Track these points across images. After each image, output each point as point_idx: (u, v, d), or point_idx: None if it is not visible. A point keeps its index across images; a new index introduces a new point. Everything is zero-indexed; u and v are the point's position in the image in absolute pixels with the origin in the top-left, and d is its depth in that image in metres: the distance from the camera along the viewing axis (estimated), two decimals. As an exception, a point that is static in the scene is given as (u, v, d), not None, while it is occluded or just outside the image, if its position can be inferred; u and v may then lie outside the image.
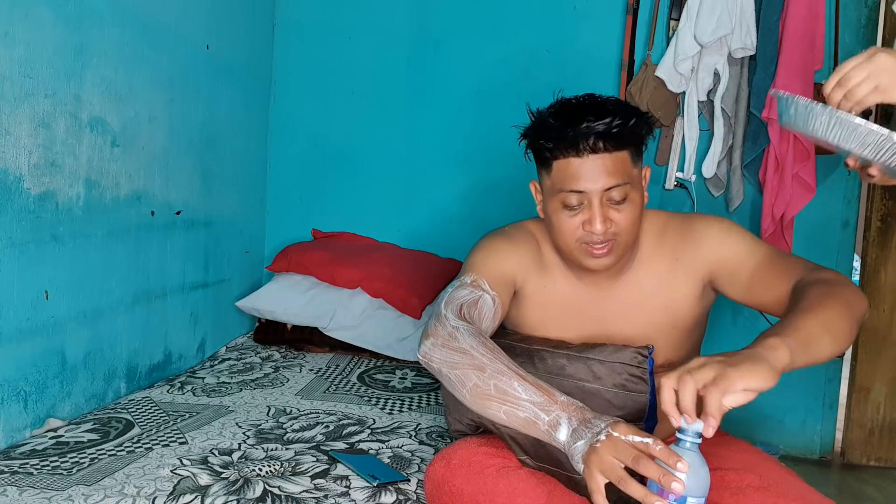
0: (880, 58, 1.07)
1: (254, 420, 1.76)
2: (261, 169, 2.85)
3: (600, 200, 1.21)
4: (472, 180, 2.77)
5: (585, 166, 1.20)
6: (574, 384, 1.29)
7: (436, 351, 1.19)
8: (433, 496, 1.29)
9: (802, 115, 1.10)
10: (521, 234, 1.41)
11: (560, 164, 1.23)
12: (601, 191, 1.21)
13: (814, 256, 2.57)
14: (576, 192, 1.22)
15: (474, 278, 1.31)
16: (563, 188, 1.22)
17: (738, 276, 1.28)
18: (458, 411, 1.41)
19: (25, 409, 1.63)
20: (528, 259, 1.37)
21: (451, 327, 1.19)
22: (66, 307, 1.73)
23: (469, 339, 1.16)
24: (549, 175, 1.26)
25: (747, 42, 2.41)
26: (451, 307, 1.24)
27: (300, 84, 2.87)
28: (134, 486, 1.34)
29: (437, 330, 1.20)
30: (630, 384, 1.28)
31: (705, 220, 1.35)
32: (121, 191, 1.93)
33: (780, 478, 1.26)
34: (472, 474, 1.24)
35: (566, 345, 1.34)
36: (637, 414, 1.27)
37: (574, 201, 1.22)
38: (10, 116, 1.53)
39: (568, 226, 1.25)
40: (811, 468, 2.56)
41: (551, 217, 1.28)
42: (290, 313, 2.52)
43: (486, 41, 2.73)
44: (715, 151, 2.51)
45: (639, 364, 1.28)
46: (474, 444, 1.31)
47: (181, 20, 2.17)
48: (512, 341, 1.38)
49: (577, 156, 1.21)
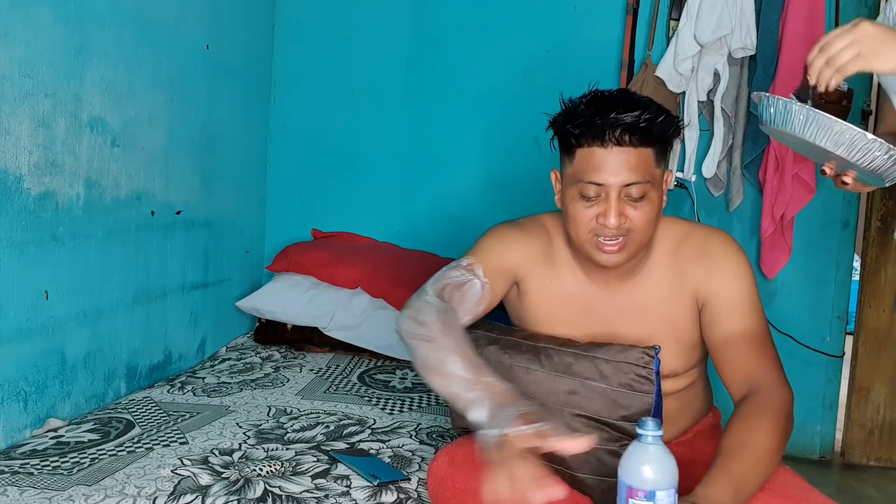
0: (864, 25, 1.07)
1: (254, 420, 1.76)
2: (261, 169, 2.85)
3: (618, 195, 1.20)
4: (472, 180, 2.77)
5: (609, 159, 1.20)
6: (580, 382, 1.29)
7: (404, 321, 1.24)
8: (436, 493, 1.29)
9: (781, 113, 1.11)
10: (535, 226, 1.40)
11: (583, 153, 1.22)
12: (620, 185, 1.20)
13: (814, 256, 2.61)
14: (595, 185, 1.21)
15: (470, 262, 1.32)
16: (582, 178, 1.22)
17: (720, 324, 1.27)
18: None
19: (25, 409, 1.63)
20: (535, 252, 1.37)
21: (424, 301, 1.24)
22: (66, 307, 1.73)
23: (433, 314, 1.20)
24: (572, 163, 1.25)
25: (747, 42, 2.41)
26: (436, 285, 1.27)
27: (300, 84, 2.87)
28: (134, 486, 1.34)
29: (412, 302, 1.25)
30: (636, 384, 1.27)
31: (725, 248, 1.32)
32: (121, 191, 1.92)
33: (784, 478, 1.26)
34: (475, 471, 1.24)
35: (573, 343, 1.34)
36: (643, 413, 1.27)
37: (592, 193, 1.21)
38: (10, 116, 1.53)
39: (583, 217, 1.23)
40: (811, 468, 2.56)
41: (567, 206, 1.27)
42: (290, 313, 2.52)
43: (486, 41, 2.73)
44: (715, 151, 2.51)
45: (645, 364, 1.27)
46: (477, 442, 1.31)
47: (181, 20, 2.17)
48: (518, 338, 1.37)
49: (601, 146, 1.20)
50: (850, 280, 2.67)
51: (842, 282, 2.64)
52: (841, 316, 2.65)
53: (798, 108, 1.09)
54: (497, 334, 1.39)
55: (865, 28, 1.06)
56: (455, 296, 1.27)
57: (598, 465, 1.28)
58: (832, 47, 1.07)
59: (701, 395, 1.45)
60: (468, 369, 1.11)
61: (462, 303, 1.27)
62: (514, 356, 1.34)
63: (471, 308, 1.29)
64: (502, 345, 1.36)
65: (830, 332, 2.64)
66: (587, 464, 1.28)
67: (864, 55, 1.06)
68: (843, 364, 2.67)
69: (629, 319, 1.34)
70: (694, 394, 1.42)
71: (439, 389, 1.15)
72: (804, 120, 1.09)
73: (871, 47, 1.05)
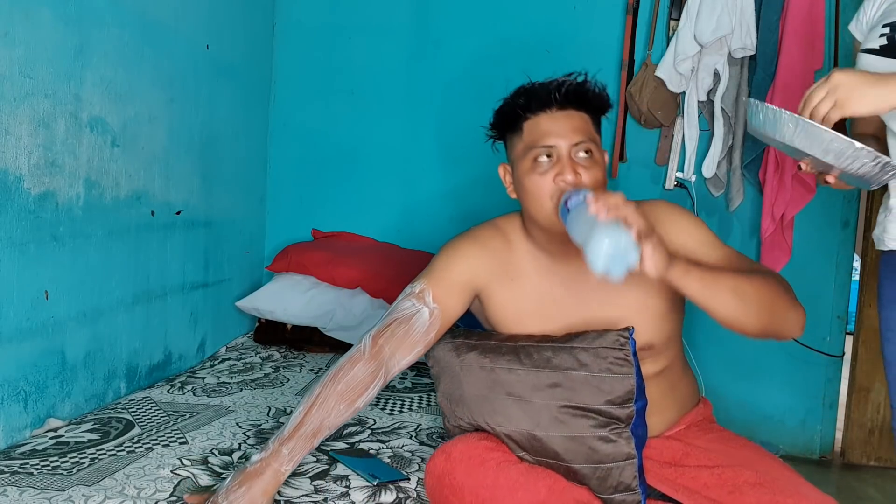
0: (835, 76, 1.14)
1: (254, 420, 1.76)
2: (261, 169, 2.85)
3: (568, 155, 1.29)
4: (472, 180, 2.77)
5: (555, 122, 1.31)
6: (562, 374, 1.32)
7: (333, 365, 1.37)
8: (434, 490, 1.30)
9: (771, 121, 1.16)
10: (488, 232, 1.46)
11: (530, 124, 1.33)
12: (569, 145, 1.29)
13: (814, 256, 2.61)
14: (545, 147, 1.30)
15: (422, 288, 1.39)
16: (534, 145, 1.31)
17: None
18: (455, 416, 1.42)
19: (25, 409, 1.63)
20: (491, 260, 1.42)
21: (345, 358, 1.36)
22: (66, 307, 1.73)
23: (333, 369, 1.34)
24: (521, 138, 1.34)
25: (747, 42, 2.41)
26: (386, 320, 1.38)
27: (300, 84, 2.87)
28: (134, 486, 1.34)
29: (353, 347, 1.38)
30: (615, 367, 1.30)
31: (672, 209, 1.43)
32: (121, 191, 1.93)
33: (777, 474, 1.28)
34: (472, 467, 1.26)
35: (550, 338, 1.37)
36: (626, 396, 1.30)
37: (544, 157, 1.30)
38: (10, 116, 1.53)
39: (541, 184, 1.30)
40: (811, 468, 2.56)
41: (524, 182, 1.33)
42: (290, 313, 2.52)
43: (486, 41, 2.73)
44: (715, 151, 2.51)
45: (621, 346, 1.30)
46: (474, 439, 1.33)
47: (181, 20, 2.17)
48: (497, 341, 1.40)
49: (545, 111, 1.32)
50: (850, 280, 2.67)
51: (842, 282, 2.65)
52: (841, 316, 2.65)
53: (788, 117, 1.13)
54: (476, 340, 1.43)
55: (837, 77, 1.14)
56: (398, 332, 1.35)
57: (591, 454, 1.30)
58: (811, 101, 1.16)
59: (682, 379, 1.49)
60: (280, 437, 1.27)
61: (406, 338, 1.35)
62: (494, 359, 1.37)
63: (419, 340, 1.36)
64: (482, 349, 1.39)
65: (830, 332, 2.64)
66: (579, 454, 1.30)
67: (841, 104, 1.13)
68: (843, 364, 2.68)
69: (598, 296, 1.38)
70: (675, 377, 1.46)
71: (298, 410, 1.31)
72: (794, 129, 1.13)
73: (845, 95, 1.13)
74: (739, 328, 1.26)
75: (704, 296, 1.21)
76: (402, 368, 1.38)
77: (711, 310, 1.23)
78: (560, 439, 1.30)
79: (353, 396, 1.31)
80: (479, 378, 1.37)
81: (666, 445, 1.41)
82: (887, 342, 1.41)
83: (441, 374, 1.45)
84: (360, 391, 1.32)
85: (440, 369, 1.45)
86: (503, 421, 1.34)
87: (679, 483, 1.33)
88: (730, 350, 2.64)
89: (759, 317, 1.25)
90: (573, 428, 1.30)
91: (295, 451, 1.26)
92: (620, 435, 1.29)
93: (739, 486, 1.25)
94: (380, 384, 1.35)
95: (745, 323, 1.25)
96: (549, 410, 1.31)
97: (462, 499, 1.25)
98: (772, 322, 1.26)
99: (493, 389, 1.35)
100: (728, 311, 1.23)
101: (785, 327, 1.29)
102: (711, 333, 2.66)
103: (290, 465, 1.26)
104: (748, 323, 1.25)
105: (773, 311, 1.26)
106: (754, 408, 2.66)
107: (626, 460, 1.29)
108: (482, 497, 1.23)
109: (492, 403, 1.35)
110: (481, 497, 1.23)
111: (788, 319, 1.28)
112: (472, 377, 1.38)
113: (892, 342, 1.39)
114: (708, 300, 1.21)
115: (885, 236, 1.38)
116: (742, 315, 1.24)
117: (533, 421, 1.31)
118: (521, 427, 1.32)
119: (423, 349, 1.39)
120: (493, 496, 1.23)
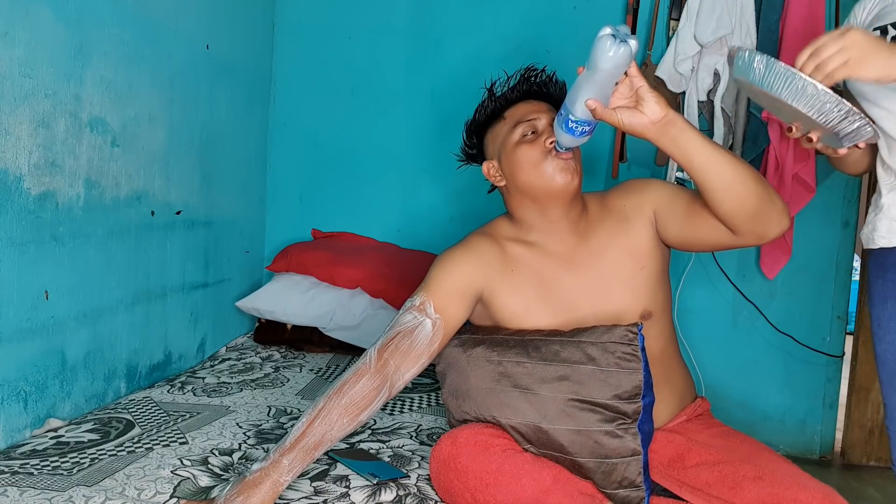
0: (853, 33, 1.10)
1: (254, 420, 1.76)
2: (261, 169, 2.85)
3: (548, 125, 1.44)
4: (472, 180, 2.77)
5: (533, 107, 1.48)
6: (570, 368, 1.33)
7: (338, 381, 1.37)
8: (439, 474, 1.31)
9: (745, 64, 1.16)
10: (479, 239, 1.52)
11: (513, 111, 1.50)
12: (548, 120, 1.45)
13: (814, 256, 2.60)
14: (530, 122, 1.45)
15: (423, 300, 1.41)
16: (521, 121, 1.46)
17: (675, 208, 1.43)
18: (461, 411, 1.42)
19: (25, 409, 1.63)
20: (488, 260, 1.47)
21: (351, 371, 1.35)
22: (66, 307, 1.73)
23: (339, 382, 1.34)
24: (505, 122, 1.50)
25: (747, 42, 2.41)
26: (389, 333, 1.39)
27: (300, 84, 2.87)
28: (135, 487, 1.34)
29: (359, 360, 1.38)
30: (623, 362, 1.32)
31: (636, 180, 1.55)
32: (121, 191, 1.92)
33: (777, 467, 1.31)
34: (477, 452, 1.28)
35: (558, 332, 1.40)
36: (633, 391, 1.31)
37: (529, 129, 1.45)
38: (10, 116, 1.53)
39: (533, 152, 1.43)
40: (811, 468, 2.53)
41: (516, 154, 1.45)
42: (290, 313, 2.52)
43: (486, 41, 2.73)
44: (715, 151, 2.51)
45: (630, 342, 1.32)
46: (479, 427, 1.36)
47: (181, 20, 2.17)
48: (504, 335, 1.42)
49: (525, 100, 1.51)
50: (850, 280, 2.67)
51: (842, 282, 2.65)
52: (841, 316, 2.65)
53: (760, 58, 1.13)
54: (483, 335, 1.45)
55: (854, 36, 1.10)
56: (402, 346, 1.37)
57: (597, 448, 1.30)
58: (822, 53, 1.11)
59: (679, 370, 1.53)
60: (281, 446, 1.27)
61: (411, 350, 1.37)
62: (502, 352, 1.39)
63: (423, 352, 1.38)
64: (489, 344, 1.41)
65: (830, 332, 2.64)
66: (585, 447, 1.31)
67: (852, 63, 1.10)
68: (843, 364, 2.67)
69: (596, 268, 1.45)
70: (673, 363, 1.50)
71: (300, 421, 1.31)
72: (763, 69, 1.14)
73: (858, 56, 1.09)
74: (738, 201, 1.27)
75: (705, 154, 1.25)
76: (407, 381, 1.39)
77: (711, 174, 1.26)
78: (566, 432, 1.31)
79: (357, 411, 1.32)
80: (486, 371, 1.39)
81: (668, 439, 1.42)
82: (879, 340, 1.41)
83: (447, 370, 1.46)
84: (364, 405, 1.32)
85: (446, 365, 1.46)
86: (510, 413, 1.35)
87: (682, 480, 1.35)
88: (729, 350, 2.65)
89: (755, 188, 1.27)
90: (580, 421, 1.31)
91: (295, 463, 1.26)
92: (627, 431, 1.30)
93: (740, 482, 1.28)
94: (384, 398, 1.36)
95: (742, 193, 1.26)
96: (556, 403, 1.32)
97: (466, 483, 1.26)
98: (762, 200, 1.28)
99: (500, 382, 1.37)
100: (727, 178, 1.26)
101: (773, 213, 1.30)
102: (711, 333, 2.66)
103: (290, 476, 1.26)
104: (745, 193, 1.26)
105: (764, 188, 1.28)
106: (754, 408, 2.66)
107: (632, 456, 1.29)
108: (486, 482, 1.24)
109: (498, 396, 1.37)
110: (485, 482, 1.24)
111: (775, 204, 1.30)
112: (479, 370, 1.39)
113: (884, 340, 1.39)
114: (709, 159, 1.25)
115: (875, 234, 1.37)
116: (739, 183, 1.26)
117: (540, 413, 1.33)
118: (527, 419, 1.33)
119: (427, 360, 1.40)
120: (497, 481, 1.24)
